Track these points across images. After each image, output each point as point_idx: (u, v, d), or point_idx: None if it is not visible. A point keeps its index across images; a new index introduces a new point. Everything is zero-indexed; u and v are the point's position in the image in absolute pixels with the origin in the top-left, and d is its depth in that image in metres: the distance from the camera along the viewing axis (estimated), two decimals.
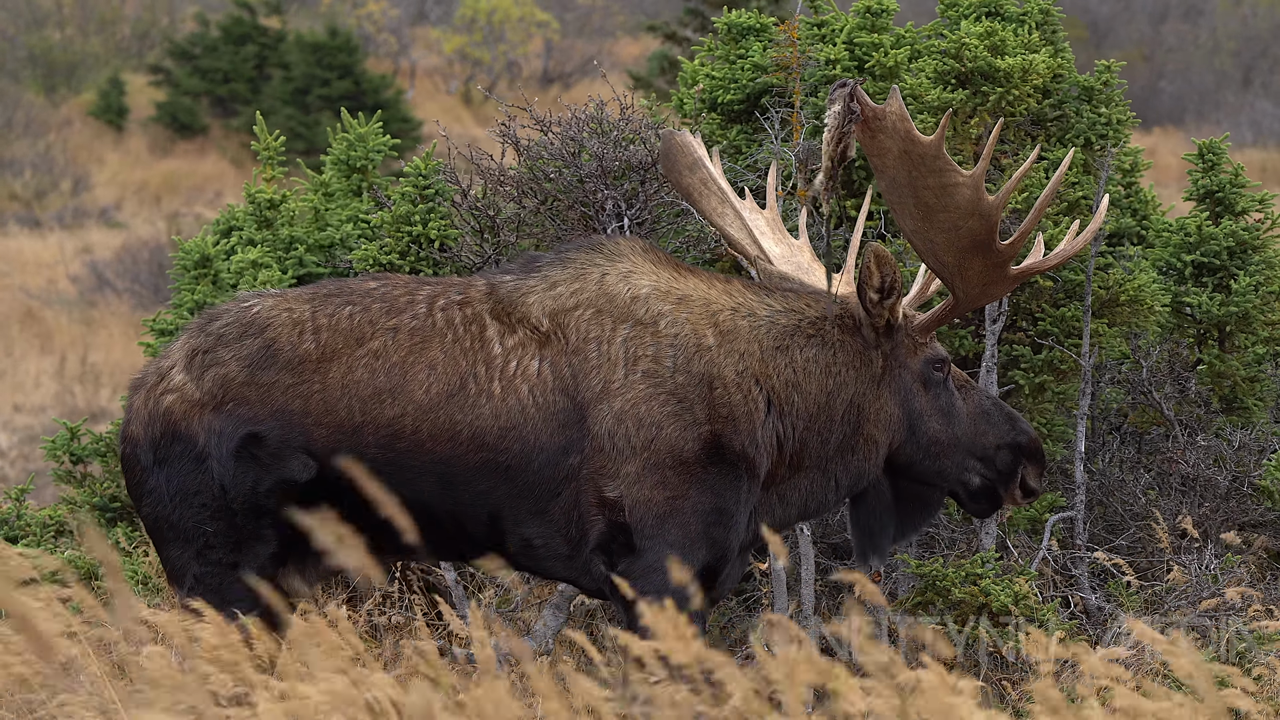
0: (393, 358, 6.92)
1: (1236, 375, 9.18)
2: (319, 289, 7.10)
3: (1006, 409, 7.29)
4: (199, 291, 9.35)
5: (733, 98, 9.32)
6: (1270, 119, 33.91)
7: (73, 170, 31.70)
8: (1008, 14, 9.28)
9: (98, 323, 22.80)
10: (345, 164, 9.71)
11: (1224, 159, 9.36)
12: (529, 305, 7.02)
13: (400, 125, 31.02)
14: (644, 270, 7.11)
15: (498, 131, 8.97)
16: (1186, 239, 9.27)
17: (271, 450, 6.88)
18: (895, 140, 6.89)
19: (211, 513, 6.89)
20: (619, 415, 6.90)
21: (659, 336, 7.00)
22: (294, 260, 9.34)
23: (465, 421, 6.88)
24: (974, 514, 7.45)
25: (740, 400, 7.01)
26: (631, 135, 8.80)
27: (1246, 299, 9.13)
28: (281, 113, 32.67)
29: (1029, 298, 9.01)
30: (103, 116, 34.92)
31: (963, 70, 9.04)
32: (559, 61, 40.59)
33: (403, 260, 9.00)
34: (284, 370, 6.92)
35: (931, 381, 7.22)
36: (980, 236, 7.00)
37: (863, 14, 9.32)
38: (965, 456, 7.24)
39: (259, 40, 35.36)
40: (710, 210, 7.64)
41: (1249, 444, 9.02)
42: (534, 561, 6.99)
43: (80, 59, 38.16)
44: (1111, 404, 9.22)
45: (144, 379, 7.03)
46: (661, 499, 6.90)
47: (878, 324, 7.14)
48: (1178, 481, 9.02)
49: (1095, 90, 9.18)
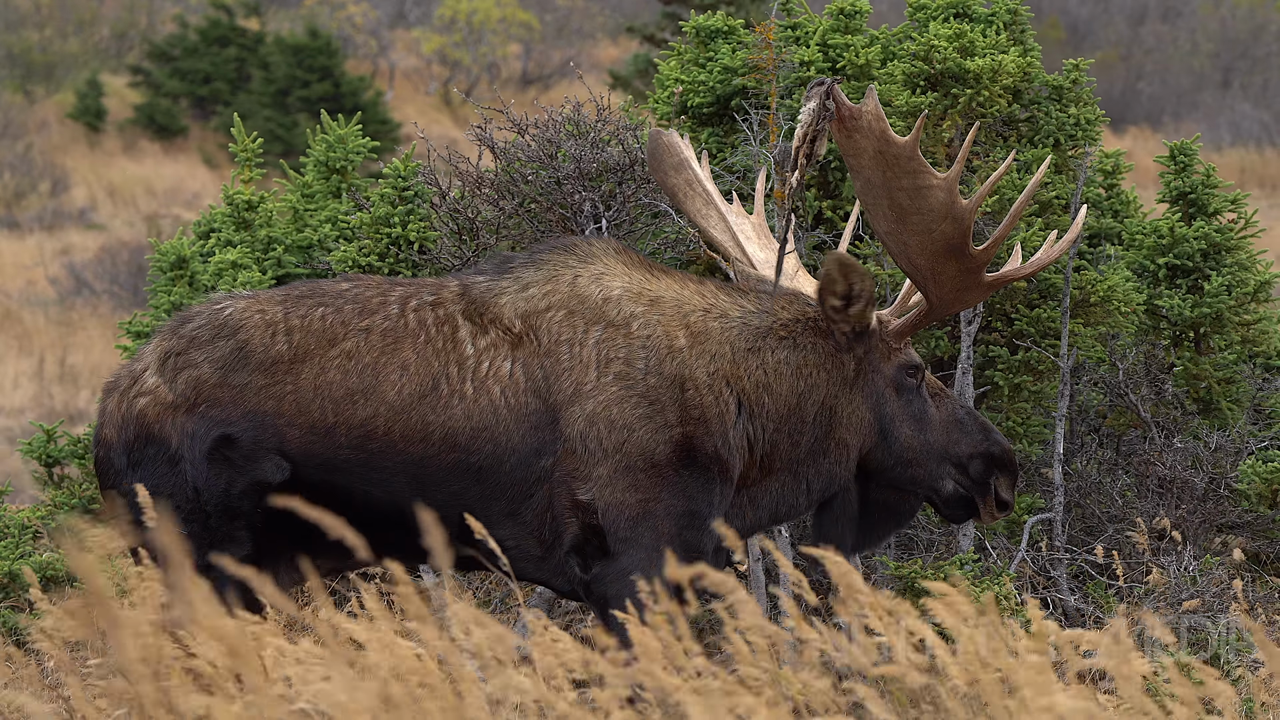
0: (365, 359, 6.90)
1: (1211, 377, 9.19)
2: (291, 290, 7.09)
3: (980, 419, 7.27)
4: (175, 293, 9.33)
5: (703, 100, 9.31)
6: (1249, 120, 33.97)
7: (51, 172, 31.62)
8: (975, 15, 9.28)
9: (76, 324, 22.75)
10: (325, 165, 9.70)
11: (1196, 160, 9.36)
12: (501, 306, 7.01)
13: (379, 127, 31.01)
14: (616, 271, 7.09)
15: (474, 134, 8.96)
16: (1160, 241, 9.27)
17: (244, 452, 6.87)
18: (870, 140, 6.88)
19: (185, 515, 6.88)
20: (591, 418, 6.89)
21: (631, 338, 6.99)
22: (273, 261, 9.33)
23: (437, 422, 6.87)
24: (950, 520, 7.44)
25: (712, 402, 7.00)
26: (608, 137, 8.79)
27: (1219, 300, 9.13)
28: (261, 114, 32.63)
29: (1003, 298, 9.00)
30: (81, 118, 34.85)
31: (932, 72, 9.04)
32: (538, 63, 40.58)
33: (382, 262, 8.99)
34: (256, 371, 6.91)
35: (904, 387, 7.19)
36: (953, 240, 6.98)
37: (836, 15, 9.32)
38: (937, 463, 7.21)
39: (238, 42, 35.32)
40: (694, 211, 7.62)
41: (1225, 446, 9.02)
42: (508, 564, 6.97)
43: (58, 60, 38.08)
44: (1090, 405, 9.22)
45: (117, 382, 7.02)
46: (634, 502, 6.89)
47: (843, 330, 7.12)
48: (1155, 483, 9.03)
49: (1065, 89, 9.18)
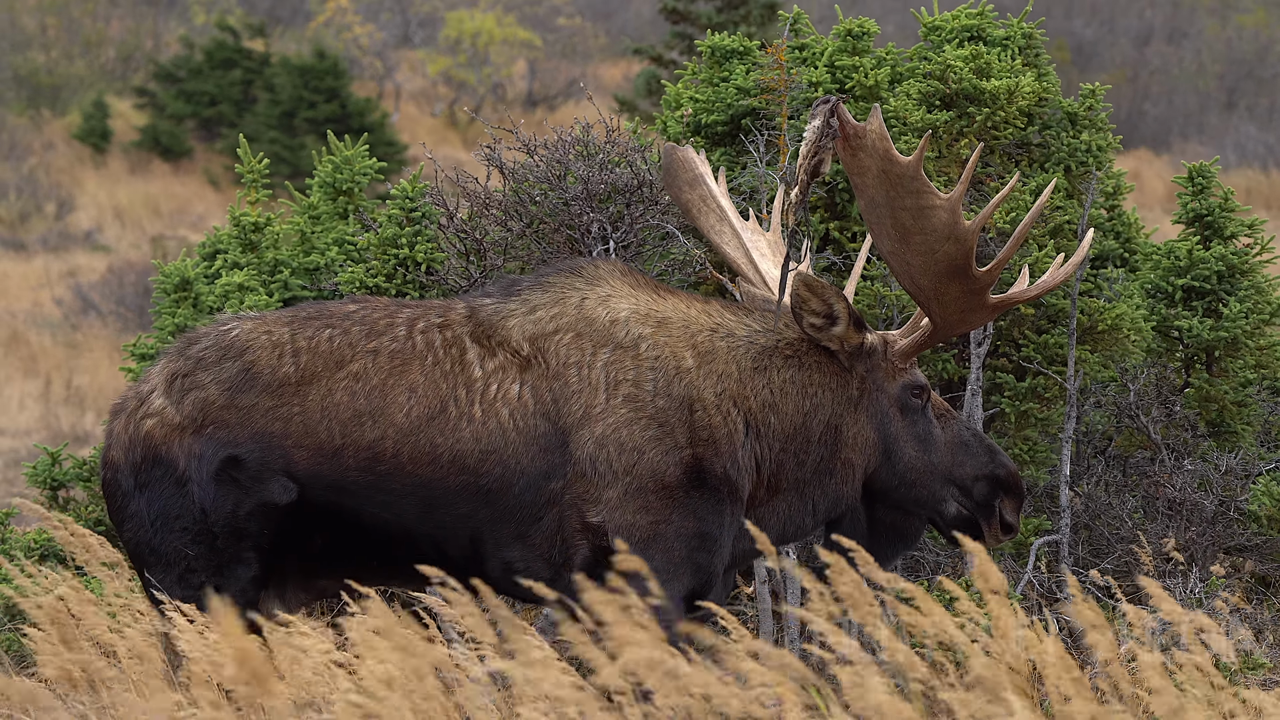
0: (373, 380, 6.89)
1: (1224, 400, 9.17)
2: (298, 311, 7.08)
3: (987, 441, 7.24)
4: (180, 315, 9.32)
5: (716, 119, 9.30)
6: (1254, 141, 33.96)
7: (57, 193, 31.64)
8: (991, 38, 9.27)
9: (82, 346, 22.74)
10: (331, 187, 9.69)
11: (1214, 182, 9.36)
12: (509, 329, 7.00)
13: (386, 148, 31.00)
14: (623, 293, 7.08)
15: (483, 154, 8.95)
16: (1176, 262, 9.25)
17: (252, 473, 6.85)
18: (874, 159, 6.86)
19: (193, 536, 6.87)
20: (600, 440, 6.87)
21: (639, 360, 6.97)
22: (279, 283, 9.31)
23: (446, 445, 6.86)
24: (953, 543, 7.39)
25: (720, 422, 6.98)
26: (617, 158, 8.78)
27: (1237, 324, 9.12)
28: (267, 136, 32.64)
29: (1011, 324, 8.99)
30: (87, 139, 34.87)
31: (947, 92, 9.03)
32: (544, 84, 40.61)
33: (389, 283, 8.98)
34: (264, 393, 6.90)
35: (909, 408, 7.17)
36: (957, 261, 6.95)
37: (844, 37, 9.31)
38: (942, 485, 7.17)
39: (244, 63, 35.34)
40: (708, 228, 7.61)
41: (1235, 468, 9.00)
42: (515, 585, 6.96)
43: (64, 82, 38.12)
44: (1097, 427, 9.20)
45: (124, 404, 7.01)
46: (645, 524, 6.87)
47: (833, 349, 7.10)
48: (1164, 505, 9.00)
49: (1079, 115, 9.17)
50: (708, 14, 24.63)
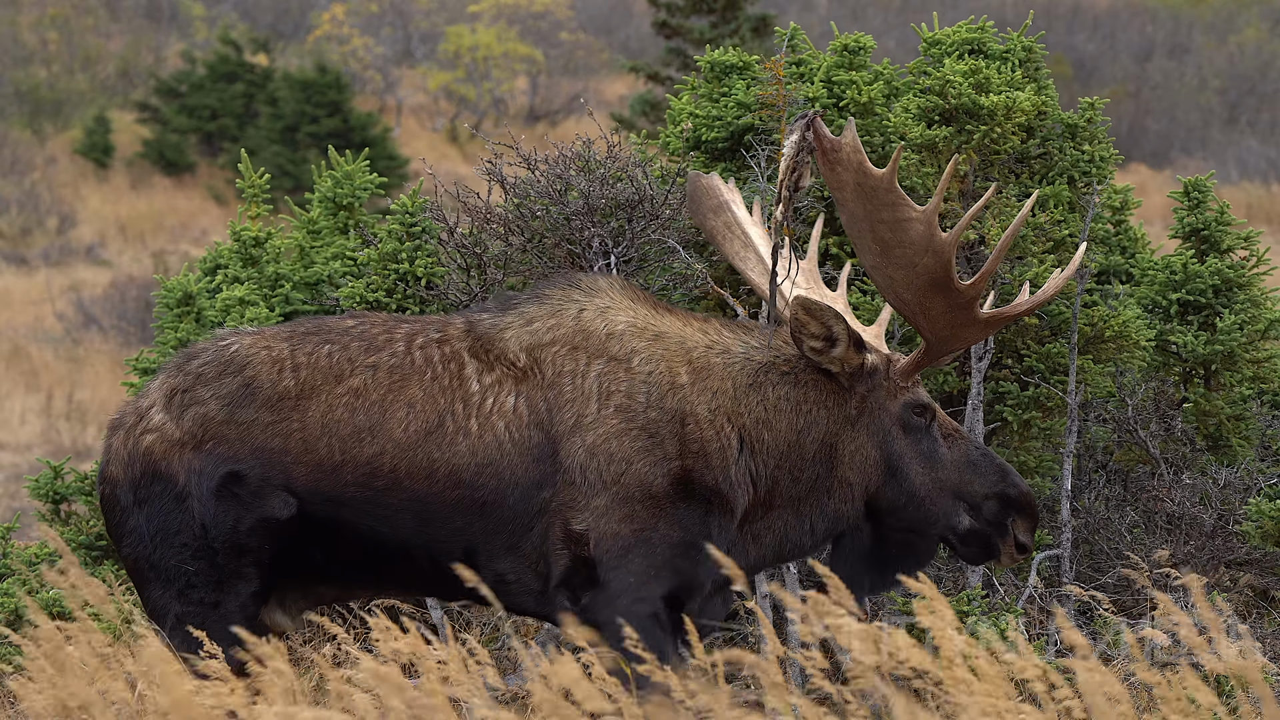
0: (372, 396, 6.90)
1: (1222, 414, 9.17)
2: (297, 327, 7.09)
3: (998, 461, 7.18)
4: (182, 330, 9.33)
5: (717, 135, 9.31)
6: (1256, 156, 33.99)
7: (59, 208, 31.68)
8: (991, 52, 9.28)
9: (84, 360, 22.77)
10: (332, 201, 9.71)
11: (1210, 196, 9.36)
12: (506, 341, 7.01)
13: (387, 163, 31.05)
14: (621, 307, 7.09)
15: (484, 169, 8.96)
16: (1172, 277, 9.26)
17: (252, 489, 6.86)
18: (850, 173, 6.84)
19: (193, 552, 6.87)
20: (590, 449, 6.88)
21: (633, 373, 6.98)
22: (280, 298, 9.33)
23: (443, 459, 6.86)
24: (967, 561, 7.36)
25: (713, 436, 6.98)
26: (618, 173, 8.79)
27: (1232, 337, 9.12)
28: (269, 150, 32.69)
29: (1014, 335, 8.99)
30: (89, 154, 34.92)
31: (947, 107, 9.04)
32: (545, 98, 40.65)
33: (389, 298, 8.99)
34: (263, 408, 6.90)
35: (911, 426, 7.14)
36: (936, 274, 6.91)
37: (840, 52, 9.33)
38: (951, 502, 7.13)
39: (246, 78, 35.40)
40: (733, 254, 7.59)
41: (1234, 482, 9.00)
42: (508, 598, 6.96)
43: (66, 96, 38.17)
44: (1098, 441, 9.20)
45: (123, 419, 7.01)
46: (628, 532, 6.88)
47: (834, 370, 7.09)
48: (1163, 520, 9.00)
49: (1079, 128, 9.17)
50: (700, 29, 24.68)
